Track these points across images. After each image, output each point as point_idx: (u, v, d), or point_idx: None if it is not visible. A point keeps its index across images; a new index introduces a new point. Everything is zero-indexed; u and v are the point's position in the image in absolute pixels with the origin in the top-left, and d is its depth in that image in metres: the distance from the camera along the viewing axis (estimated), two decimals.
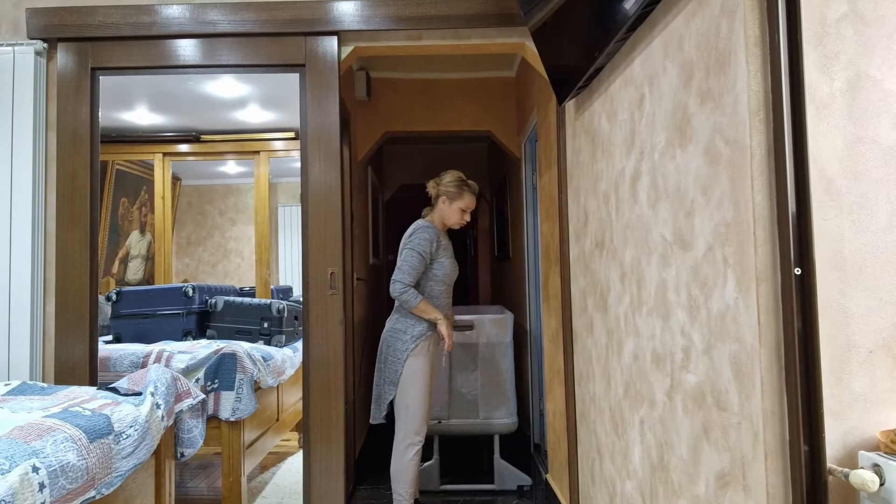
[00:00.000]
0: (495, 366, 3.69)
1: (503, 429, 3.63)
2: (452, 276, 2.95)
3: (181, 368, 3.10)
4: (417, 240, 2.83)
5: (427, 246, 2.82)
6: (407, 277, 2.76)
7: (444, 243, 2.91)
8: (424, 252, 2.80)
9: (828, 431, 1.08)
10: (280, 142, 4.23)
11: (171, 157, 4.23)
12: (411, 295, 2.76)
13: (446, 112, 4.67)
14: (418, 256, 2.79)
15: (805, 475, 1.06)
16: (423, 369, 2.80)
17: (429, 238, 2.84)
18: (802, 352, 1.07)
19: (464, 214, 2.95)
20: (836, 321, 1.11)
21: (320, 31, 2.85)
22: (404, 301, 2.76)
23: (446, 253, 2.91)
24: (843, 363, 1.11)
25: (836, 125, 1.13)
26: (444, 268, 2.88)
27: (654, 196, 1.63)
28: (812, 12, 1.13)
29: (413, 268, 2.78)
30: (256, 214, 4.28)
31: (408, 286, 2.76)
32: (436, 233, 2.87)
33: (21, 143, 2.76)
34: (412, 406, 2.78)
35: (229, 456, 3.05)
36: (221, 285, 4.17)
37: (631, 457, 1.87)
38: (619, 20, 1.66)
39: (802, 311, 1.07)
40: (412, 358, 2.78)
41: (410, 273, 2.77)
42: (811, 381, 1.07)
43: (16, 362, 2.70)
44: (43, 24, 2.82)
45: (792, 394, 1.08)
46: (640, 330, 1.77)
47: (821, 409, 1.06)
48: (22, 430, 1.69)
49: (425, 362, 2.81)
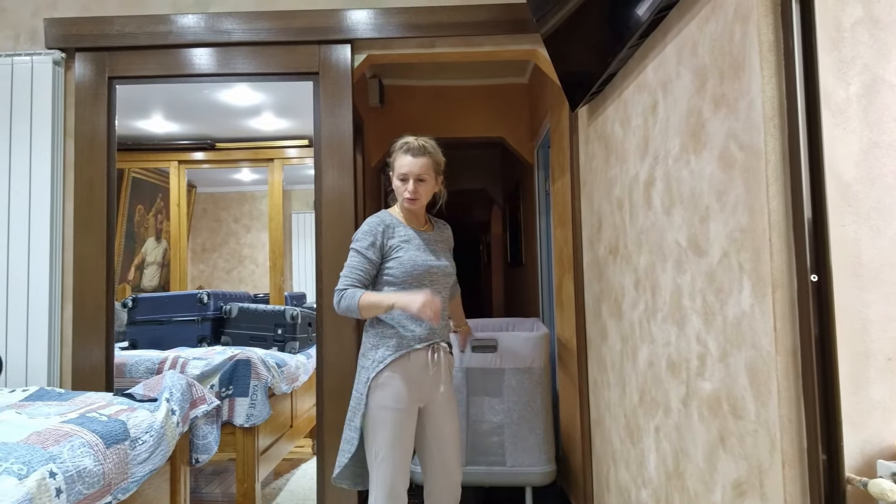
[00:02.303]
0: (527, 397, 2.90)
1: (536, 480, 2.88)
2: (425, 276, 2.16)
3: (196, 375, 3.12)
4: (358, 233, 2.17)
5: (366, 239, 2.13)
6: (343, 282, 2.10)
7: (403, 233, 2.18)
8: (363, 247, 2.12)
9: (846, 440, 1.07)
10: (294, 149, 4.26)
11: (186, 164, 4.28)
12: (346, 297, 2.06)
13: (459, 118, 4.68)
14: (357, 255, 2.12)
15: (823, 484, 1.05)
16: (392, 405, 2.08)
17: (368, 229, 2.15)
18: (820, 359, 1.06)
19: (405, 183, 2.17)
20: (853, 328, 1.10)
21: (334, 40, 2.87)
22: (344, 310, 2.07)
23: (409, 245, 2.16)
24: (861, 371, 1.10)
25: (853, 130, 1.12)
26: (402, 265, 2.12)
27: (669, 202, 1.63)
28: (827, 17, 1.13)
29: (352, 268, 2.11)
30: (271, 221, 4.31)
31: (342, 291, 2.09)
32: (382, 221, 2.18)
33: (40, 151, 2.80)
34: (379, 458, 2.07)
35: (244, 462, 3.06)
36: (236, 292, 4.19)
37: (646, 464, 1.86)
38: (632, 26, 1.66)
39: (819, 317, 1.06)
40: (376, 392, 2.08)
41: (348, 277, 2.10)
42: (829, 389, 1.06)
43: (34, 368, 2.73)
44: (61, 33, 2.86)
45: (809, 402, 1.07)
46: (654, 336, 1.76)
47: (839, 418, 1.05)
48: (39, 436, 1.71)
49: (395, 396, 2.09)
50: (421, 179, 2.17)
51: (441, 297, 2.21)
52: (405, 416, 2.10)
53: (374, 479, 2.09)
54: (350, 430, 2.15)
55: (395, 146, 2.22)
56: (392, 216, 2.22)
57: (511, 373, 2.92)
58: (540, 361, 2.94)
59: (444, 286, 2.24)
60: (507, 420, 2.90)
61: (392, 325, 2.13)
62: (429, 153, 2.19)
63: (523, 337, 2.96)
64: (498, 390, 2.92)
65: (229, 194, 4.55)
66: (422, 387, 2.16)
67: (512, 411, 2.90)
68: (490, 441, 2.89)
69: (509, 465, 2.87)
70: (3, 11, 2.93)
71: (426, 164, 2.18)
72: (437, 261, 2.21)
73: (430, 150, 2.20)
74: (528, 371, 2.92)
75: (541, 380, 2.93)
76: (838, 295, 1.09)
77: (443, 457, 2.23)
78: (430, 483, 2.25)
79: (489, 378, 2.92)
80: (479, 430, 2.91)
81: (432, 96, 4.69)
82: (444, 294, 2.25)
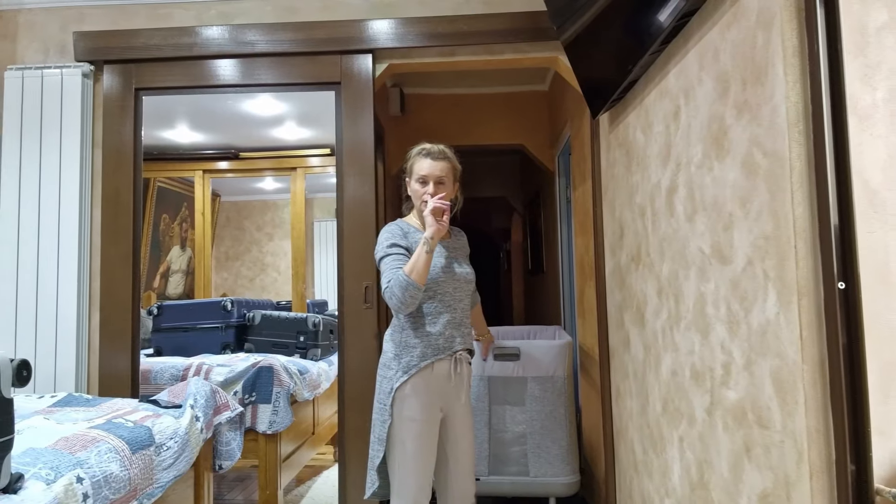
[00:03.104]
0: (549, 406, 2.87)
1: (561, 490, 2.83)
2: (446, 280, 2.13)
3: (220, 381, 3.15)
4: (378, 244, 2.14)
5: (388, 241, 2.09)
6: (384, 278, 2.04)
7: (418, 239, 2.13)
8: (388, 247, 2.08)
9: (875, 450, 1.05)
10: (316, 158, 4.30)
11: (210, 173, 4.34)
12: (394, 282, 1.98)
13: (479, 126, 4.69)
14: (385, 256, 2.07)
15: (852, 496, 1.03)
16: (418, 417, 2.04)
17: (388, 235, 2.12)
18: (848, 368, 1.04)
19: (425, 186, 2.14)
20: (882, 336, 1.08)
21: (355, 50, 2.89)
22: (401, 293, 1.96)
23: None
24: (890, 380, 1.08)
25: (880, 135, 1.11)
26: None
27: (692, 209, 1.61)
28: (851, 22, 1.11)
29: (387, 267, 2.05)
30: (293, 229, 4.35)
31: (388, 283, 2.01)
32: (399, 227, 2.16)
33: (69, 161, 2.86)
34: (403, 470, 2.04)
35: (266, 469, 3.08)
36: (259, 299, 4.23)
37: (670, 475, 1.84)
38: (653, 32, 1.65)
39: (847, 326, 1.05)
40: (401, 403, 2.04)
41: (387, 272, 2.05)
42: (857, 399, 1.04)
43: (62, 374, 2.78)
44: (90, 47, 2.92)
45: (837, 411, 1.05)
46: (678, 345, 1.74)
47: (867, 428, 1.03)
48: (67, 441, 1.74)
49: (420, 407, 2.05)
50: (440, 182, 2.15)
51: (462, 305, 2.20)
52: (430, 427, 2.07)
53: (398, 490, 2.06)
54: (378, 442, 2.09)
55: (413, 152, 2.23)
56: (408, 224, 2.21)
57: (534, 381, 2.90)
58: (563, 370, 2.91)
59: (465, 293, 2.22)
60: (529, 429, 2.87)
61: (415, 335, 2.09)
62: (447, 157, 2.20)
63: (546, 345, 2.92)
64: (520, 399, 2.89)
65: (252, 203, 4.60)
66: (445, 397, 2.13)
67: (534, 420, 2.87)
68: (512, 451, 2.86)
69: (532, 475, 2.84)
70: (34, 26, 3.00)
71: (445, 167, 2.17)
72: (460, 267, 2.21)
73: (448, 155, 2.21)
74: (550, 380, 2.89)
75: (563, 389, 2.90)
76: (866, 303, 1.07)
77: (458, 468, 2.21)
78: (444, 494, 2.23)
79: (511, 387, 2.90)
80: (501, 440, 2.88)
81: (452, 104, 4.70)
82: (466, 301, 2.23)
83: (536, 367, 2.90)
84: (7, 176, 2.86)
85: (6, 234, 2.83)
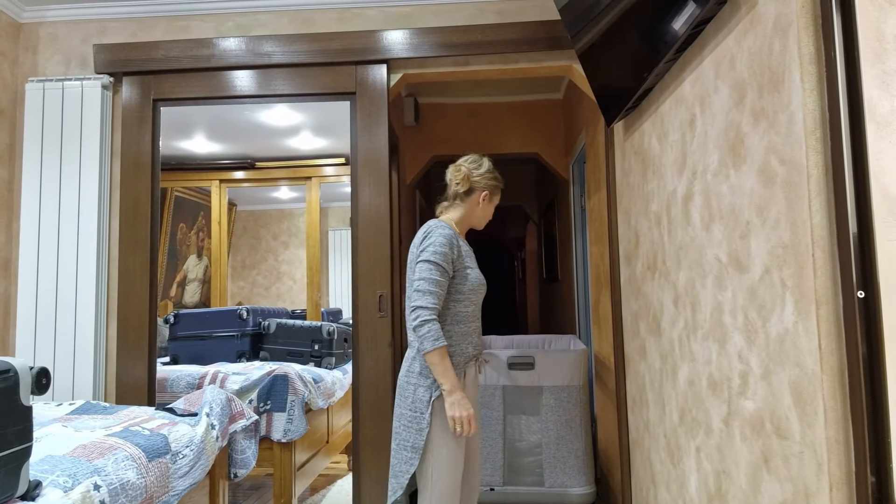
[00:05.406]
0: (565, 416, 2.84)
1: (577, 501, 2.82)
2: (480, 292, 2.17)
3: (235, 389, 3.17)
4: (435, 244, 2.04)
5: (447, 251, 2.04)
6: (430, 300, 1.98)
7: (465, 249, 2.16)
8: (445, 261, 2.03)
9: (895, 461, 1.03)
10: (331, 167, 4.32)
11: (227, 183, 4.38)
12: (433, 332, 1.95)
13: (493, 135, 4.70)
14: (439, 269, 2.02)
15: None
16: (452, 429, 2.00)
17: (446, 241, 2.05)
18: (868, 378, 1.03)
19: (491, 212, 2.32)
20: None
21: (370, 60, 2.92)
22: (422, 337, 1.95)
23: (470, 259, 2.15)
24: None
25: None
26: (471, 280, 2.10)
27: (708, 217, 1.60)
28: (869, 28, 1.10)
29: (437, 284, 2.00)
30: (308, 238, 4.37)
31: (432, 313, 1.97)
32: (454, 235, 2.11)
33: (88, 171, 2.90)
34: (436, 479, 2.01)
35: (281, 477, 3.08)
36: (274, 308, 4.25)
37: (687, 486, 1.82)
38: (668, 41, 1.65)
39: (867, 335, 1.03)
40: (441, 413, 2.00)
41: (433, 294, 1.99)
42: (878, 409, 1.02)
43: (80, 382, 2.81)
44: (109, 59, 2.97)
45: (857, 422, 1.03)
46: (695, 354, 1.73)
47: (888, 438, 1.01)
48: (85, 449, 1.75)
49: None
50: None
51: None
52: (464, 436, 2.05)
53: (437, 498, 2.01)
54: (410, 451, 2.03)
55: (491, 172, 2.25)
56: (453, 229, 2.15)
57: (549, 391, 2.88)
58: (578, 379, 2.89)
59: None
60: (544, 439, 2.85)
61: (451, 342, 2.08)
62: None
63: (561, 354, 2.89)
64: (535, 408, 2.88)
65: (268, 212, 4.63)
66: (472, 401, 2.15)
67: (550, 430, 2.86)
68: (527, 461, 2.84)
69: (548, 485, 2.83)
70: (55, 39, 3.05)
71: None
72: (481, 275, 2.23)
73: None
74: (566, 389, 2.87)
75: (579, 398, 2.88)
76: (887, 312, 1.06)
77: (469, 475, 2.22)
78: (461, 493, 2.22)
79: (526, 396, 2.89)
80: (516, 450, 2.85)
81: (467, 113, 4.72)
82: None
83: (552, 377, 2.89)
84: (28, 186, 2.91)
85: (26, 243, 2.88)
